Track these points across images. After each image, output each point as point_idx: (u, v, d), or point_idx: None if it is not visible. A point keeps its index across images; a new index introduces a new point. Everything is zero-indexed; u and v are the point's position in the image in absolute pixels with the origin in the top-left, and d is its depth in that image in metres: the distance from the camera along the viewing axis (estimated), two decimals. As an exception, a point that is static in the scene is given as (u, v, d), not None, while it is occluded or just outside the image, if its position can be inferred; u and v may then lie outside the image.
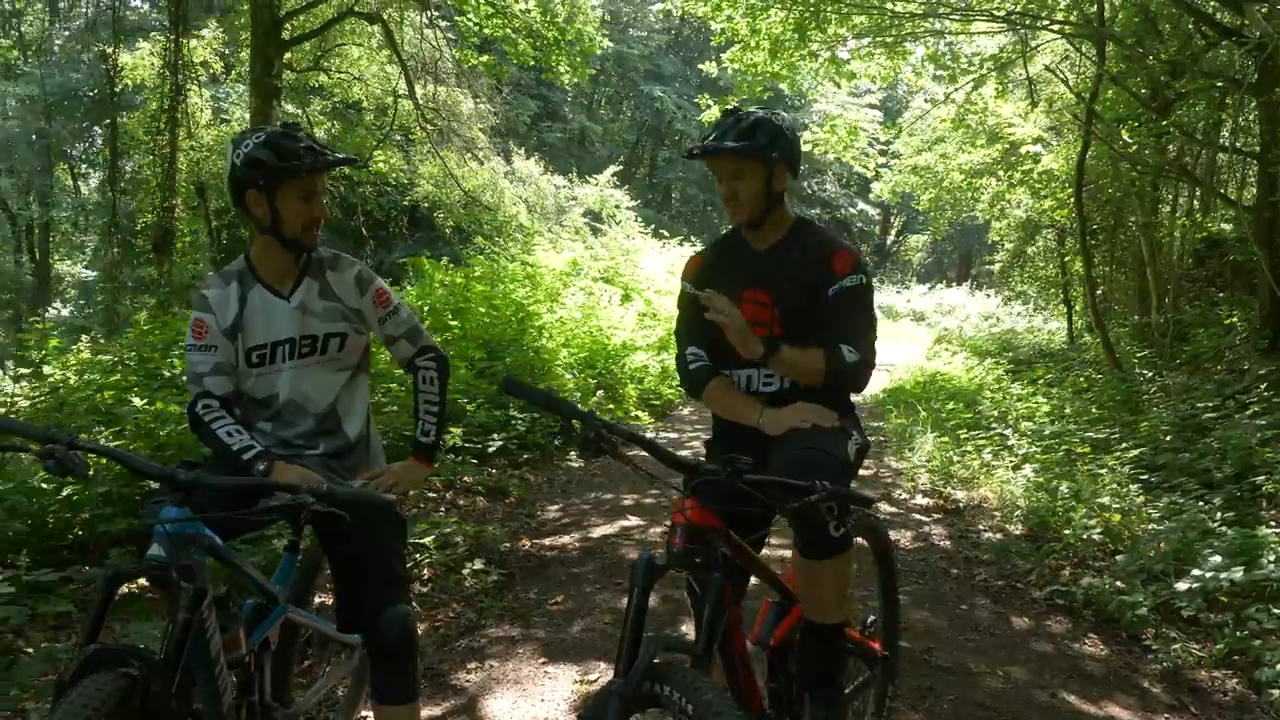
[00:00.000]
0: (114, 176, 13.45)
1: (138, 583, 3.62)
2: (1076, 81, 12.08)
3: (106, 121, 16.10)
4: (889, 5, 11.41)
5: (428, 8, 14.26)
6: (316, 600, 3.14)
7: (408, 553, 4.94)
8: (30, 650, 3.43)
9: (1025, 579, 5.00)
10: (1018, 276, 19.01)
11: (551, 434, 8.40)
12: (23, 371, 7.37)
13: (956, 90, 12.80)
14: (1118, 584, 4.60)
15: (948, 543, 5.70)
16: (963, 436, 7.96)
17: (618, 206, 19.28)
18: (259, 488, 2.03)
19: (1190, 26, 9.79)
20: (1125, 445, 6.93)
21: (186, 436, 4.85)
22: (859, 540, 2.91)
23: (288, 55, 13.38)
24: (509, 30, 13.26)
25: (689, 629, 3.86)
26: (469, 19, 13.56)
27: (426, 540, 4.98)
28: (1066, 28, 10.88)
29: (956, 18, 11.88)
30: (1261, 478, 5.43)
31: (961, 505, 6.51)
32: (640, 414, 10.56)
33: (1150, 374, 9.44)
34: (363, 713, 3.28)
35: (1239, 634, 3.96)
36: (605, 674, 3.65)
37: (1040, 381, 10.69)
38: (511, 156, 18.57)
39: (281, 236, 2.44)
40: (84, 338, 9.49)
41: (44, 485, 4.66)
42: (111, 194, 12.90)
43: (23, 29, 28.89)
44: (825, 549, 2.33)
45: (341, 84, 15.46)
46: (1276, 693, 3.57)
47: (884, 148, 19.32)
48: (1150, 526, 5.26)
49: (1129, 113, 10.91)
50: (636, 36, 34.71)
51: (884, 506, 6.51)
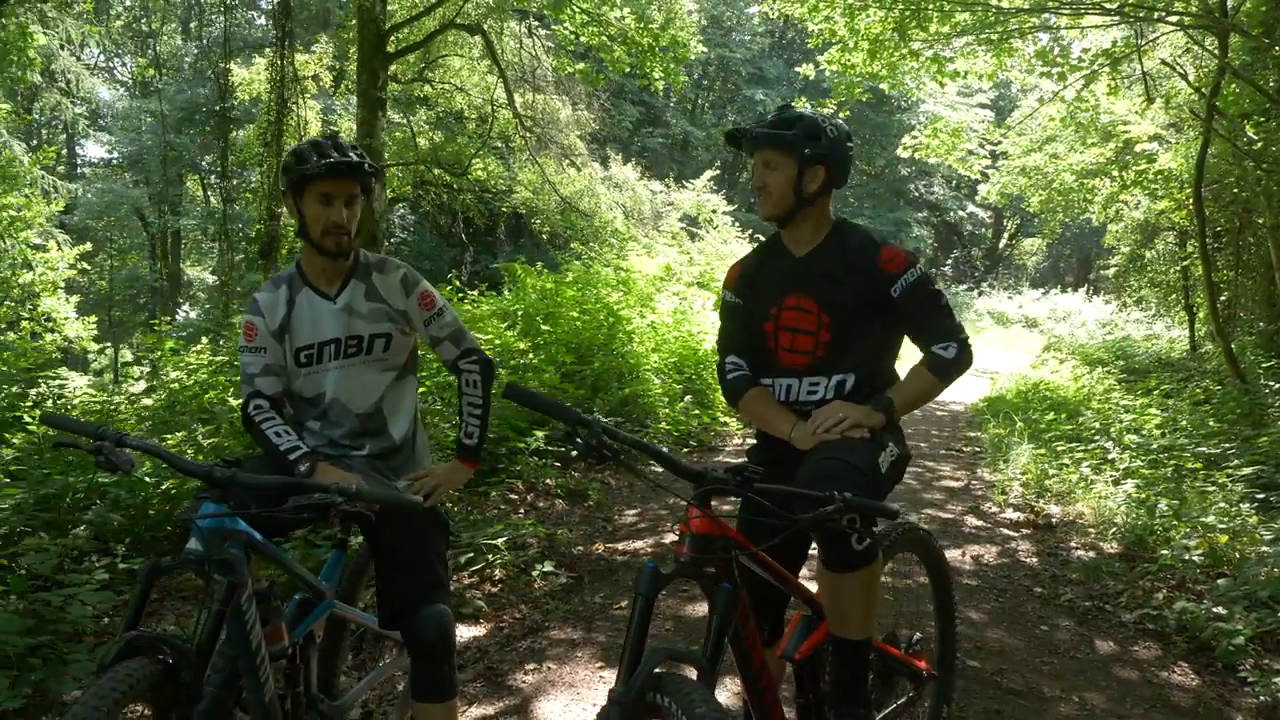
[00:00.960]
0: (224, 185, 14.18)
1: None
2: (1196, 75, 11.42)
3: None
4: (994, 1, 11.04)
5: (527, 18, 14.54)
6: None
7: (480, 554, 5.06)
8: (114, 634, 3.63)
9: (1115, 600, 4.74)
10: (1135, 281, 18.08)
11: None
12: (145, 371, 7.84)
13: (1066, 88, 12.28)
14: (1216, 610, 4.31)
15: (1034, 559, 5.46)
16: (1060, 449, 7.62)
17: (714, 211, 19.22)
18: (290, 486, 2.09)
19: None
20: (1240, 461, 6.50)
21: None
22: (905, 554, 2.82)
23: (393, 67, 13.85)
24: (605, 38, 13.40)
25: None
26: (566, 27, 13.77)
27: (499, 541, 5.06)
28: (1185, 19, 10.31)
29: (1066, 12, 11.41)
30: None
31: (1054, 520, 6.22)
32: (730, 420, 10.48)
33: (1277, 385, 8.84)
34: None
35: (1348, 669, 3.66)
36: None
37: (1155, 392, 10.16)
38: (609, 162, 18.72)
39: (309, 240, 2.53)
40: (203, 340, 10.05)
41: (146, 479, 4.93)
42: (222, 203, 13.58)
43: (157, 48, 30.80)
44: (848, 562, 2.26)
45: (445, 94, 15.89)
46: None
47: (994, 149, 18.70)
48: (1261, 549, 4.91)
49: (1254, 107, 10.24)
50: (739, 40, 34.58)
51: (970, 520, 6.29)
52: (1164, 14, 10.32)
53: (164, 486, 4.91)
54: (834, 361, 2.54)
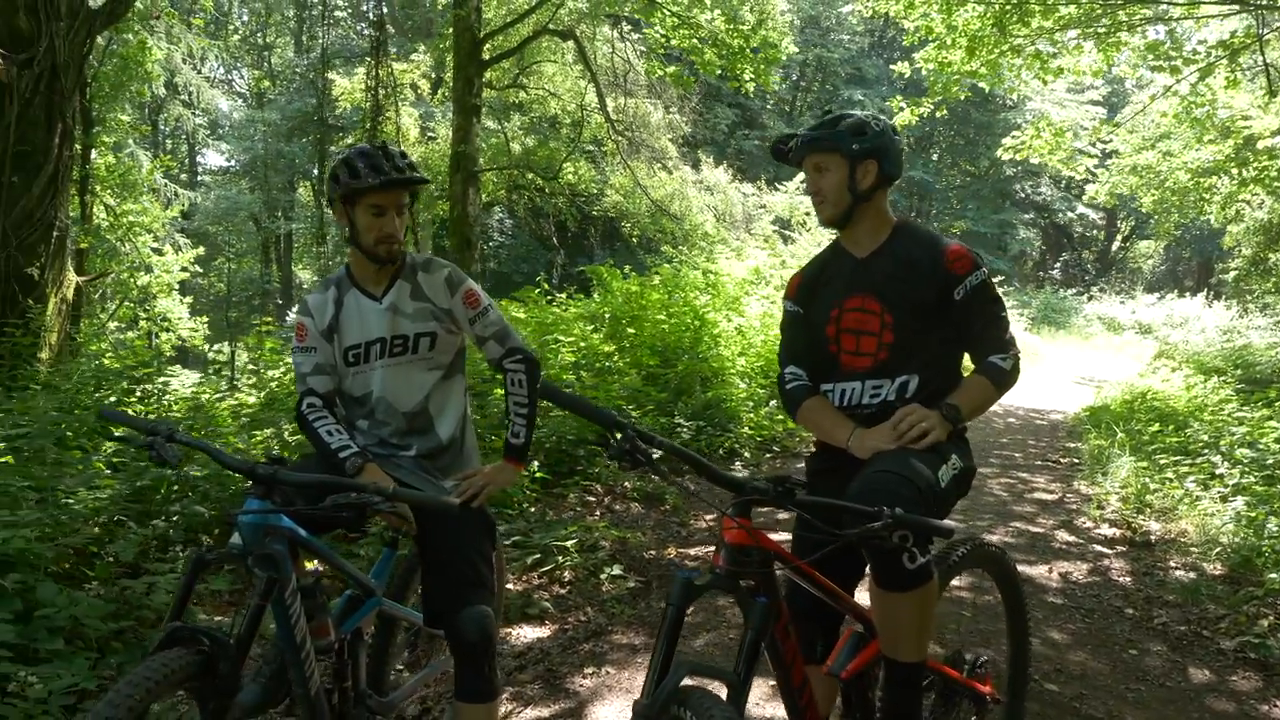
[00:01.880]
0: (319, 190, 14.64)
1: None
2: (1325, 66, 10.69)
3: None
4: (1101, -8, 10.58)
5: (619, 23, 14.62)
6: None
7: (550, 555, 5.08)
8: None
9: (1214, 626, 4.45)
10: (1259, 285, 17.04)
11: (715, 443, 8.38)
12: (251, 370, 8.16)
13: (1179, 81, 11.66)
14: (1327, 640, 4.01)
15: (1128, 579, 5.17)
16: (1163, 462, 7.21)
17: (808, 213, 18.94)
18: (329, 484, 2.12)
19: None
20: (1364, 480, 6.03)
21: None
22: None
23: (489, 74, 14.12)
24: (695, 40, 13.37)
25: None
26: (657, 31, 13.79)
27: (569, 543, 5.07)
28: (1312, 6, 9.67)
29: (1183, 2, 10.83)
30: None
31: (1153, 538, 5.89)
32: (815, 426, 10.29)
33: None
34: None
35: None
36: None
37: (1277, 404, 9.52)
38: (701, 165, 18.67)
39: (360, 247, 2.57)
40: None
41: (235, 475, 5.12)
42: (319, 207, 14.04)
43: (271, 60, 32.21)
44: (899, 581, 2.16)
45: (539, 100, 16.11)
46: None
47: (1104, 148, 17.89)
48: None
49: (1390, 99, 9.53)
50: (837, 40, 34.05)
51: (1061, 535, 6.01)
52: (1289, 1, 9.71)
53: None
54: (897, 364, 2.46)
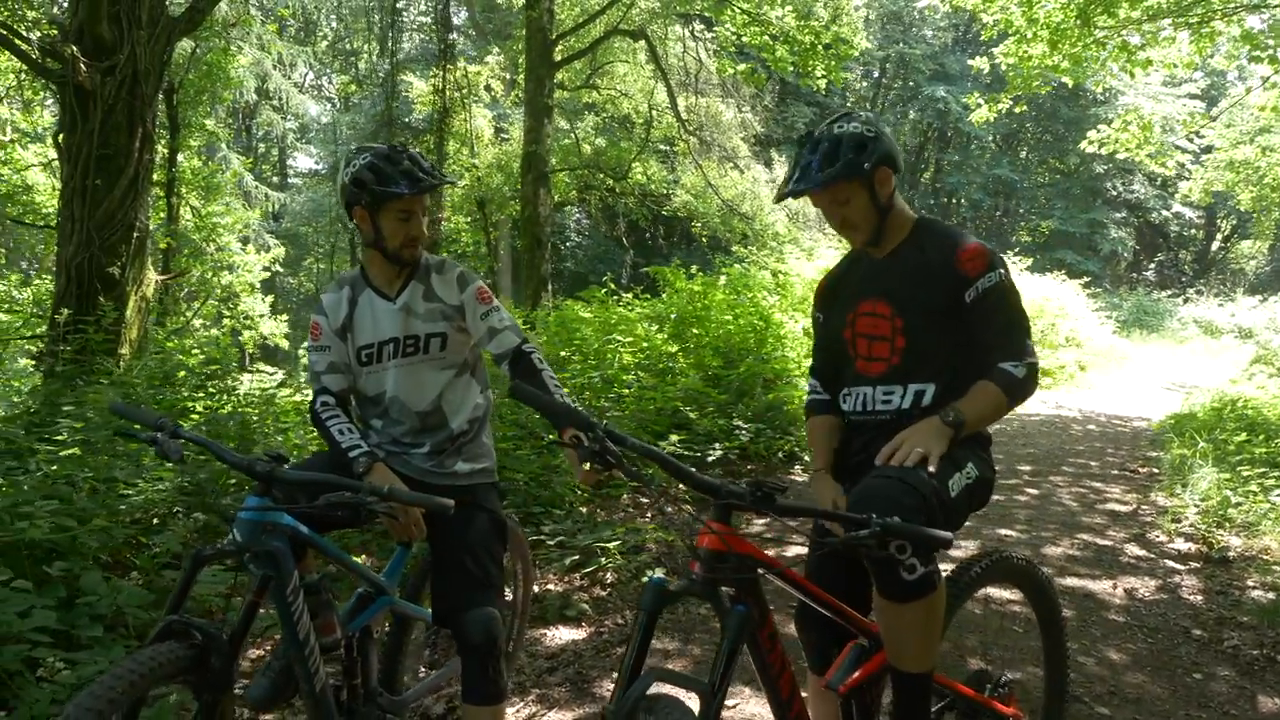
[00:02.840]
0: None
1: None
2: None
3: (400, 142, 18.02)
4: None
5: (690, 21, 14.56)
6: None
7: (594, 557, 5.06)
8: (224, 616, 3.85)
9: (1291, 650, 4.17)
10: (1369, 288, 16.03)
11: (775, 446, 8.25)
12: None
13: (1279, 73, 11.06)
14: None
15: (1199, 597, 4.89)
16: (1246, 474, 6.81)
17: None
18: (324, 483, 2.13)
19: None
20: None
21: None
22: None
23: (561, 75, 14.22)
24: (766, 37, 13.23)
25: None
26: (728, 28, 13.69)
27: (611, 545, 5.04)
28: None
29: (1281, -12, 10.27)
30: None
31: (1231, 555, 5.56)
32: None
33: None
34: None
35: None
36: (746, 700, 3.50)
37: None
38: (774, 164, 18.46)
39: (384, 251, 2.57)
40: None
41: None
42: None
43: (359, 65, 33.08)
44: (899, 592, 2.06)
45: (610, 100, 16.15)
46: None
47: (1201, 143, 17.05)
48: None
49: None
50: (919, 35, 33.33)
51: (1130, 549, 5.72)
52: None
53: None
54: (911, 370, 2.35)
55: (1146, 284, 35.08)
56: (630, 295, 11.37)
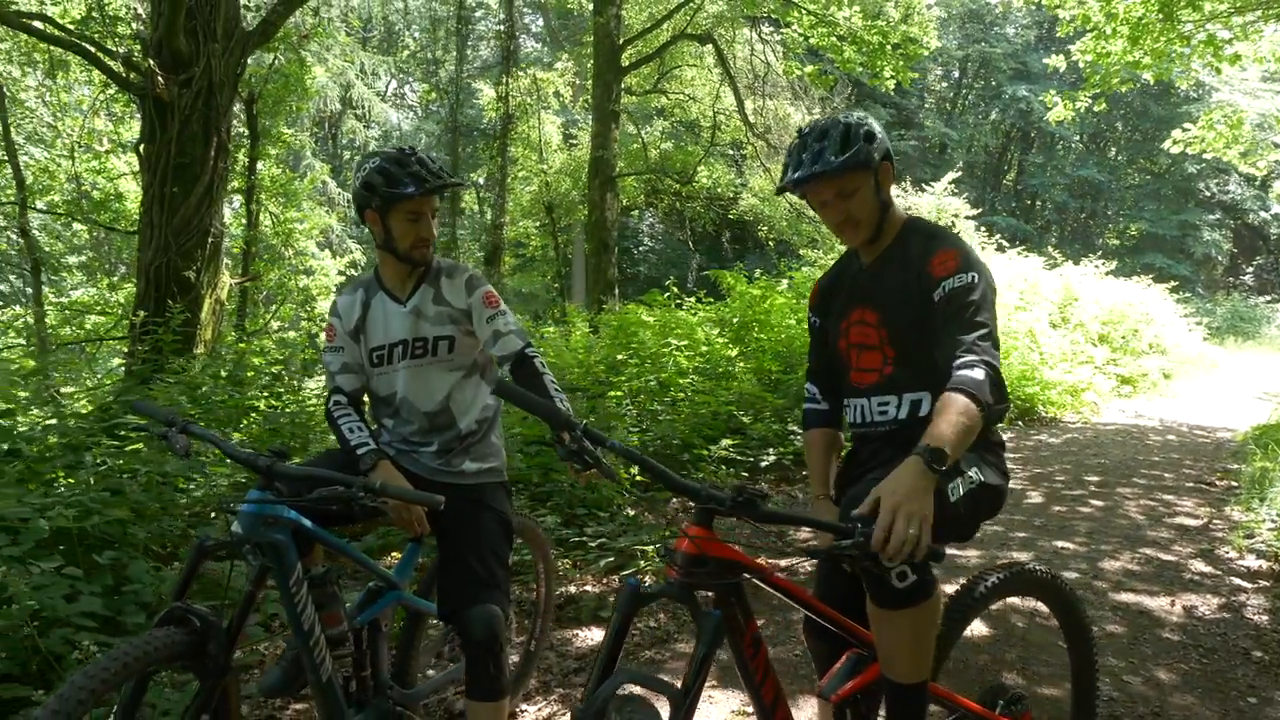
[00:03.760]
0: (453, 196, 15.16)
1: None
2: None
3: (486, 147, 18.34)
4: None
5: (757, 25, 14.49)
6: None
7: (632, 559, 5.07)
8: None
9: (1358, 676, 3.95)
10: None
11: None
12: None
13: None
14: None
15: (1264, 617, 4.65)
16: (1327, 489, 6.46)
17: (956, 215, 18.15)
18: (318, 478, 2.19)
19: None
20: None
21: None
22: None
23: (628, 80, 14.29)
24: (834, 38, 13.09)
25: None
26: (795, 30, 13.59)
27: (649, 548, 5.05)
28: None
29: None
30: None
31: (1305, 573, 5.29)
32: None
33: None
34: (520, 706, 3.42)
35: None
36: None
37: None
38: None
39: (395, 252, 2.63)
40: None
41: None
42: (452, 214, 14.58)
43: (440, 73, 33.79)
44: (889, 599, 2.02)
45: (678, 104, 16.18)
46: None
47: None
48: None
49: None
50: (1000, 34, 32.53)
51: (1195, 564, 5.48)
52: None
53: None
54: (904, 380, 2.29)
55: (1244, 289, 33.53)
56: (694, 299, 11.36)
